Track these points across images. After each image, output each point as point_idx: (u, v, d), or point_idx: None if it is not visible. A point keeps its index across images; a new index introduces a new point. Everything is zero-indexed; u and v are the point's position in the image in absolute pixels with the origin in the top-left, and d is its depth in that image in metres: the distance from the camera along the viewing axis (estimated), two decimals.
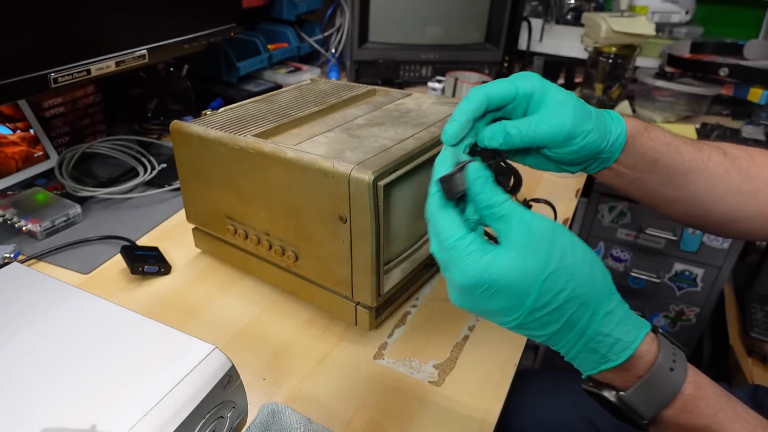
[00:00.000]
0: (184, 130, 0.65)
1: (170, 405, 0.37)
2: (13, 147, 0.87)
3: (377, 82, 1.42)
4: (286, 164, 0.56)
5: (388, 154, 0.55)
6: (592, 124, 0.47)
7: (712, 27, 1.59)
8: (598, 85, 1.30)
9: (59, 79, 0.77)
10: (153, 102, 1.17)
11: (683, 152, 0.52)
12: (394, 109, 0.70)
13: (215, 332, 0.63)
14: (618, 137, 0.49)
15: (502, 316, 0.38)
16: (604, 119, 0.49)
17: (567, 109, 0.46)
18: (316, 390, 0.56)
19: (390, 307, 0.65)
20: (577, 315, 0.37)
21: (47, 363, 0.40)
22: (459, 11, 1.43)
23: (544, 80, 0.47)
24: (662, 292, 1.36)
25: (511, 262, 0.37)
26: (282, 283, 0.68)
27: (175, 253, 0.76)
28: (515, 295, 0.37)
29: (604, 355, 0.39)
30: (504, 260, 0.37)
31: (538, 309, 0.37)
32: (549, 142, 0.46)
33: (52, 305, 0.46)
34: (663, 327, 1.40)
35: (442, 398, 0.56)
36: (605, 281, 0.39)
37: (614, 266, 1.38)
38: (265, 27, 1.44)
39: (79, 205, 0.81)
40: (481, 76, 1.34)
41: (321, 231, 0.57)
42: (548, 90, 0.46)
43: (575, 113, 0.46)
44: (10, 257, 0.71)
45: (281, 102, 0.72)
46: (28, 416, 0.36)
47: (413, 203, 0.62)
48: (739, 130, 1.20)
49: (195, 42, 1.02)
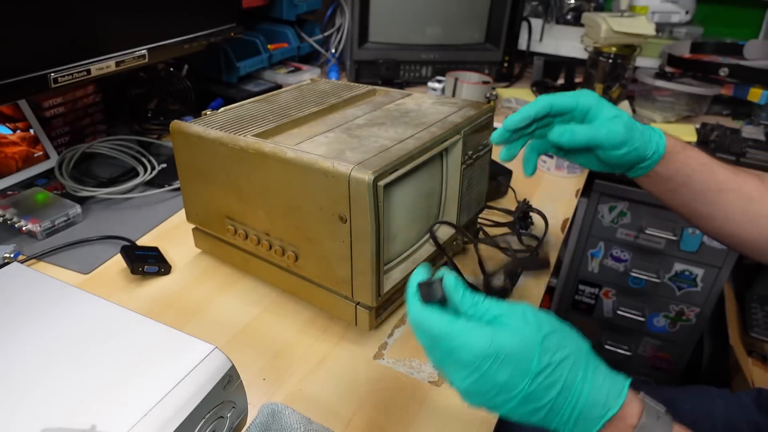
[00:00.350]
0: (184, 130, 0.65)
1: (170, 405, 0.37)
2: (13, 147, 0.87)
3: (377, 82, 1.42)
4: (286, 164, 0.56)
5: (388, 154, 0.55)
6: (639, 135, 0.56)
7: (712, 27, 1.59)
8: (598, 85, 1.30)
9: (59, 79, 0.77)
10: (153, 102, 1.17)
11: (717, 173, 0.59)
12: (394, 109, 0.70)
13: (215, 332, 0.63)
14: (657, 149, 0.58)
15: (511, 389, 0.39)
16: (648, 133, 0.58)
17: (620, 122, 0.56)
18: (316, 390, 0.56)
19: (390, 307, 0.65)
20: (574, 371, 0.40)
21: (47, 363, 0.40)
22: (459, 11, 1.43)
23: (600, 98, 0.57)
24: (662, 292, 1.36)
25: (511, 332, 0.40)
26: (282, 283, 0.68)
27: (175, 253, 0.76)
28: (521, 360, 0.39)
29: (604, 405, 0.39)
30: (505, 332, 0.40)
31: (542, 371, 0.39)
32: (605, 144, 0.56)
33: (52, 305, 0.46)
34: (663, 327, 1.41)
35: (442, 398, 0.56)
36: (587, 343, 0.42)
37: (614, 266, 1.38)
38: (265, 27, 1.44)
39: (79, 205, 0.81)
40: (481, 76, 1.34)
41: (321, 231, 0.57)
42: (603, 106, 0.56)
43: (627, 126, 0.56)
44: (10, 257, 0.71)
45: (281, 102, 0.72)
46: (28, 416, 0.36)
47: (413, 203, 0.62)
48: (739, 130, 1.20)
49: (195, 42, 1.02)
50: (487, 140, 0.71)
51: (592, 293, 1.45)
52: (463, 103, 0.71)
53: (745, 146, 1.13)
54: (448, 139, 0.63)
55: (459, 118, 0.66)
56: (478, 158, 0.69)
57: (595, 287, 1.44)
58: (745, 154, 1.11)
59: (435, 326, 0.41)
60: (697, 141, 1.17)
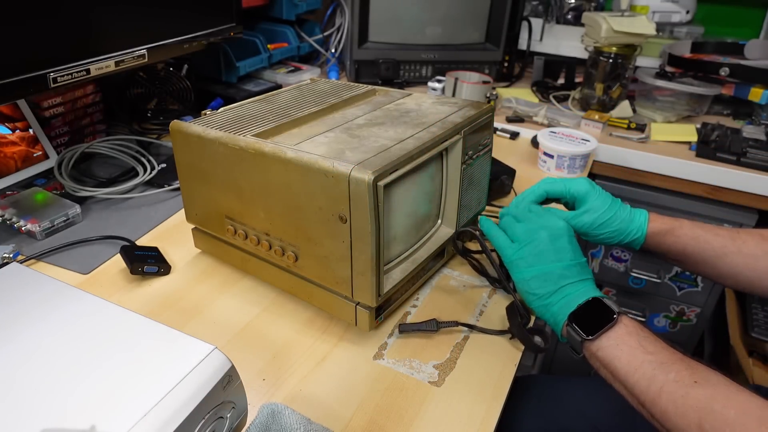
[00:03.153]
0: (183, 129, 0.64)
1: (170, 405, 0.37)
2: (13, 147, 0.87)
3: (377, 82, 1.42)
4: (286, 164, 0.56)
5: (388, 154, 0.55)
6: (616, 225, 0.65)
7: (713, 27, 1.58)
8: (598, 85, 1.30)
9: (58, 78, 0.77)
10: (152, 102, 1.17)
11: (713, 242, 0.65)
12: (394, 109, 0.70)
13: (215, 332, 0.63)
14: (637, 235, 0.66)
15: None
16: (629, 220, 0.65)
17: (597, 213, 0.65)
18: (316, 390, 0.56)
19: (390, 307, 0.65)
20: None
21: (47, 363, 0.40)
22: (459, 11, 1.43)
23: (592, 187, 0.66)
24: (663, 292, 1.36)
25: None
26: (282, 283, 0.68)
27: (174, 253, 0.76)
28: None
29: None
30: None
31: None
32: (585, 230, 0.66)
33: (52, 305, 0.46)
34: (663, 327, 1.40)
35: (442, 398, 0.56)
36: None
37: (614, 266, 1.38)
38: (265, 27, 1.44)
39: (78, 205, 0.81)
40: (482, 76, 1.34)
41: (321, 231, 0.57)
42: (589, 196, 0.65)
43: (603, 216, 0.65)
44: (9, 257, 0.71)
45: (281, 102, 0.72)
46: (28, 416, 0.36)
47: (413, 203, 0.62)
48: (740, 130, 1.20)
49: (195, 42, 1.02)
50: (487, 140, 0.71)
51: None
52: (463, 103, 0.71)
53: (746, 146, 1.12)
54: (448, 139, 0.63)
55: (459, 118, 0.66)
56: (478, 158, 0.69)
57: None
58: (746, 154, 1.11)
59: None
60: (697, 141, 1.17)
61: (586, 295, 0.55)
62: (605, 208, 0.65)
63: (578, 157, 1.02)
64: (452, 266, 0.76)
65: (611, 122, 1.25)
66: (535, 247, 0.58)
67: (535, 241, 0.58)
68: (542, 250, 0.58)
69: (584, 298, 0.54)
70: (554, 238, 0.58)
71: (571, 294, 0.55)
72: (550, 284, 0.56)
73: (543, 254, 0.58)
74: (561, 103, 1.36)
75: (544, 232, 0.59)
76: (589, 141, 1.05)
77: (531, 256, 0.58)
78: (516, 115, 1.28)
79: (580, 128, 1.22)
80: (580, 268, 0.57)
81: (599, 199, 0.66)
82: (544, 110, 1.26)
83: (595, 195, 0.66)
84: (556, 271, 0.56)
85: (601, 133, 1.21)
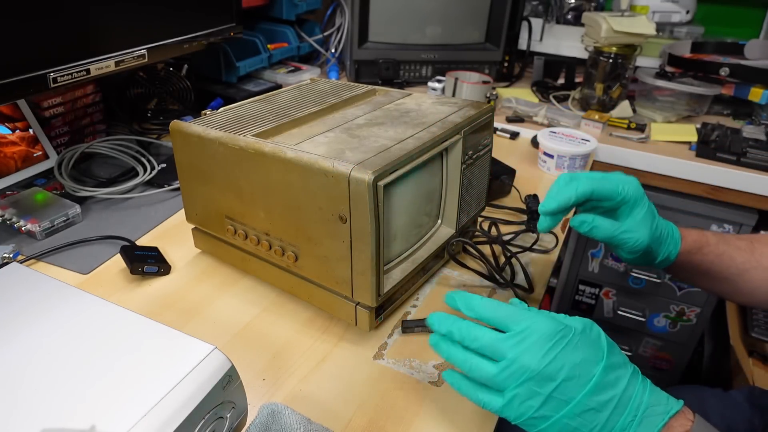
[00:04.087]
0: (183, 129, 0.64)
1: (170, 405, 0.37)
2: (13, 147, 0.87)
3: (377, 82, 1.42)
4: (286, 164, 0.56)
5: (388, 154, 0.55)
6: (660, 244, 0.59)
7: (713, 27, 1.58)
8: (598, 85, 1.30)
9: (58, 78, 0.77)
10: (152, 102, 1.17)
11: (736, 258, 0.62)
12: (394, 109, 0.70)
13: (215, 332, 0.63)
14: (671, 253, 0.60)
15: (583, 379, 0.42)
16: (668, 236, 0.60)
17: (646, 230, 0.56)
18: (316, 390, 0.56)
19: (390, 307, 0.65)
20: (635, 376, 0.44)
21: (47, 363, 0.40)
22: (459, 11, 1.43)
23: (642, 192, 0.56)
24: (663, 292, 1.36)
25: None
26: (282, 283, 0.68)
27: (174, 253, 0.76)
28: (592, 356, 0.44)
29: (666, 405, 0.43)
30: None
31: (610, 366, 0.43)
32: (623, 248, 0.57)
33: (52, 305, 0.46)
34: (663, 327, 1.40)
35: (442, 398, 0.56)
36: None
37: (614, 266, 1.38)
38: (264, 27, 1.44)
39: (78, 205, 0.81)
40: (482, 75, 1.34)
41: (321, 231, 0.57)
42: (638, 205, 0.56)
43: (652, 233, 0.56)
44: (9, 257, 0.71)
45: (281, 102, 0.72)
46: (28, 416, 0.36)
47: (413, 203, 0.62)
48: (740, 130, 1.20)
49: (194, 42, 1.02)
50: (487, 140, 0.71)
51: (592, 293, 1.45)
52: (463, 103, 0.71)
53: (746, 146, 1.12)
54: (448, 139, 0.63)
55: (459, 118, 0.66)
56: (478, 158, 0.69)
57: (595, 287, 1.44)
58: (746, 154, 1.11)
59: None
60: (697, 141, 1.17)
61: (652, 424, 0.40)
62: (656, 224, 0.56)
63: (578, 157, 1.02)
64: (452, 266, 0.76)
65: (611, 122, 1.25)
66: (529, 390, 0.41)
67: (523, 383, 0.41)
68: (545, 388, 0.41)
69: (653, 427, 0.40)
70: (552, 356, 0.41)
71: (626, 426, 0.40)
72: (587, 429, 0.40)
73: (552, 395, 0.40)
74: (561, 103, 1.36)
75: (533, 358, 0.41)
76: (589, 141, 1.05)
77: (536, 409, 0.41)
78: (516, 115, 1.28)
79: (580, 128, 1.22)
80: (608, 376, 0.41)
81: (646, 208, 0.56)
82: (544, 110, 1.26)
83: (644, 202, 0.56)
84: (582, 405, 0.40)
85: (601, 133, 1.21)
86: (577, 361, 0.41)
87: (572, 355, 0.41)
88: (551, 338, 0.42)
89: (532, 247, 0.79)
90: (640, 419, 0.41)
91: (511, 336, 0.43)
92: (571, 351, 0.41)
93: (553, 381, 0.41)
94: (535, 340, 0.42)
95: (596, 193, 0.55)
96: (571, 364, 0.41)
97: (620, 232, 0.56)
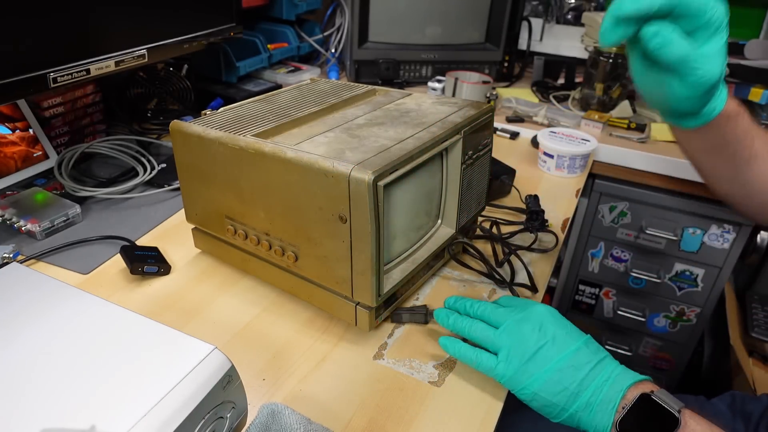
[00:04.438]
0: (183, 129, 0.64)
1: (170, 405, 0.37)
2: (13, 147, 0.87)
3: (377, 82, 1.42)
4: (286, 164, 0.56)
5: (388, 154, 0.55)
6: (716, 87, 0.52)
7: None
8: (598, 85, 1.30)
9: (58, 78, 0.77)
10: (152, 102, 1.17)
11: (756, 140, 0.58)
12: (394, 109, 0.70)
13: (215, 332, 0.63)
14: (717, 106, 0.55)
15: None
16: (722, 85, 0.54)
17: (721, 61, 0.49)
18: (316, 390, 0.56)
19: (390, 307, 0.65)
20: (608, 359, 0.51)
21: (47, 363, 0.40)
22: (459, 11, 1.43)
23: (726, 19, 0.49)
24: (663, 292, 1.36)
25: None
26: (282, 283, 0.68)
27: (174, 253, 0.76)
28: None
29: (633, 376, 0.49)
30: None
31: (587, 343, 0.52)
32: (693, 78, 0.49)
33: (52, 305, 0.46)
34: (663, 327, 1.40)
35: (442, 398, 0.56)
36: None
37: (614, 266, 1.38)
38: (265, 27, 1.44)
39: (78, 205, 0.81)
40: (482, 75, 1.34)
41: (321, 231, 0.57)
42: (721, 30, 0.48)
43: (722, 70, 0.50)
44: (9, 257, 0.71)
45: (281, 102, 0.72)
46: (28, 416, 0.36)
47: (413, 203, 0.62)
48: None
49: (195, 42, 1.02)
50: (487, 140, 0.71)
51: (592, 293, 1.45)
52: (463, 103, 0.71)
53: None
54: (448, 139, 0.63)
55: (459, 118, 0.66)
56: (478, 158, 0.69)
57: (595, 287, 1.44)
58: None
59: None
60: None
61: (621, 383, 0.46)
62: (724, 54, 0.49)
63: (578, 157, 1.02)
64: (452, 266, 0.76)
65: (611, 122, 1.25)
66: (523, 348, 0.49)
67: (519, 341, 0.50)
68: (534, 346, 0.49)
69: (621, 386, 0.46)
70: (541, 326, 0.50)
71: (600, 385, 0.46)
72: (566, 382, 0.47)
73: (539, 352, 0.49)
74: (561, 103, 1.36)
75: (526, 326, 0.50)
76: (589, 141, 1.05)
77: (524, 363, 0.49)
78: (516, 115, 1.28)
79: (580, 128, 1.22)
80: (588, 348, 0.49)
81: (724, 37, 0.49)
82: (544, 110, 1.26)
83: (727, 32, 0.49)
84: (563, 362, 0.47)
85: (601, 133, 1.21)
86: (563, 333, 0.50)
87: (560, 330, 0.50)
88: (546, 314, 0.52)
89: (531, 247, 0.79)
90: (614, 380, 0.47)
91: (510, 309, 0.54)
92: (560, 326, 0.51)
93: (543, 340, 0.49)
94: (529, 315, 0.52)
95: (681, 6, 0.47)
96: (559, 333, 0.50)
97: (698, 55, 0.48)
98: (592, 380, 0.47)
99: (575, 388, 0.47)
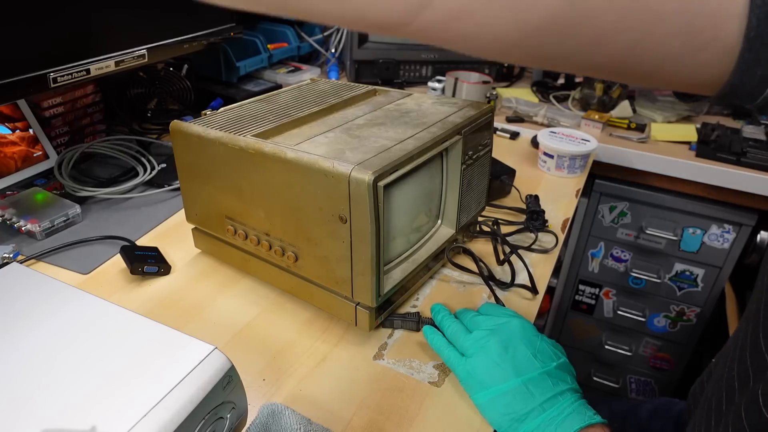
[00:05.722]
0: (183, 129, 0.64)
1: (170, 405, 0.37)
2: (13, 147, 0.87)
3: (377, 82, 1.42)
4: (286, 164, 0.56)
5: (388, 154, 0.55)
6: None
7: None
8: (598, 85, 1.30)
9: (59, 78, 0.77)
10: (153, 102, 1.17)
11: None
12: (394, 109, 0.70)
13: (215, 332, 0.63)
14: None
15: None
16: None
17: None
18: (316, 390, 0.56)
19: (390, 307, 0.65)
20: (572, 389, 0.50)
21: (47, 363, 0.40)
22: None
23: None
24: (663, 293, 1.36)
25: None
26: (282, 284, 0.68)
27: (174, 253, 0.76)
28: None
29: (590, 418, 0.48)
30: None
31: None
32: None
33: (52, 306, 0.46)
34: (663, 327, 1.40)
35: (442, 398, 0.56)
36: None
37: (614, 266, 1.38)
38: (265, 27, 1.44)
39: (78, 205, 0.81)
40: (482, 75, 1.34)
41: (321, 231, 0.57)
42: None
43: None
44: (9, 257, 0.71)
45: (281, 102, 0.72)
46: (28, 416, 0.36)
47: (413, 203, 0.62)
48: (740, 130, 1.20)
49: (195, 42, 1.02)
50: (487, 140, 0.71)
51: (592, 293, 1.45)
52: (463, 103, 0.71)
53: (746, 146, 1.12)
54: (448, 139, 0.63)
55: (459, 118, 0.66)
56: (478, 158, 0.69)
57: (595, 287, 1.44)
58: (746, 154, 1.11)
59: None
60: (697, 141, 1.17)
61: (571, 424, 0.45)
62: None
63: (578, 157, 1.02)
64: (452, 266, 0.76)
65: (611, 122, 1.25)
66: (484, 360, 0.50)
67: (483, 351, 0.50)
68: (493, 362, 0.49)
69: (569, 428, 0.45)
70: (507, 343, 0.50)
71: (548, 421, 0.45)
72: (515, 406, 0.46)
73: (496, 368, 0.48)
74: (561, 103, 1.36)
75: (492, 339, 0.50)
76: (589, 141, 1.05)
77: (482, 374, 0.49)
78: (516, 115, 1.28)
79: (580, 128, 1.22)
80: (550, 377, 0.47)
81: None
82: (544, 110, 1.26)
83: None
84: (517, 386, 0.47)
85: (601, 133, 1.21)
86: (528, 354, 0.49)
87: (527, 350, 0.50)
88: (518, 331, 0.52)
89: (531, 247, 0.79)
90: (564, 418, 0.46)
91: (491, 317, 0.56)
92: (528, 346, 0.50)
93: (504, 358, 0.49)
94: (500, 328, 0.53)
95: None
96: (522, 355, 0.49)
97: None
98: (541, 412, 0.46)
99: (522, 416, 0.46)
